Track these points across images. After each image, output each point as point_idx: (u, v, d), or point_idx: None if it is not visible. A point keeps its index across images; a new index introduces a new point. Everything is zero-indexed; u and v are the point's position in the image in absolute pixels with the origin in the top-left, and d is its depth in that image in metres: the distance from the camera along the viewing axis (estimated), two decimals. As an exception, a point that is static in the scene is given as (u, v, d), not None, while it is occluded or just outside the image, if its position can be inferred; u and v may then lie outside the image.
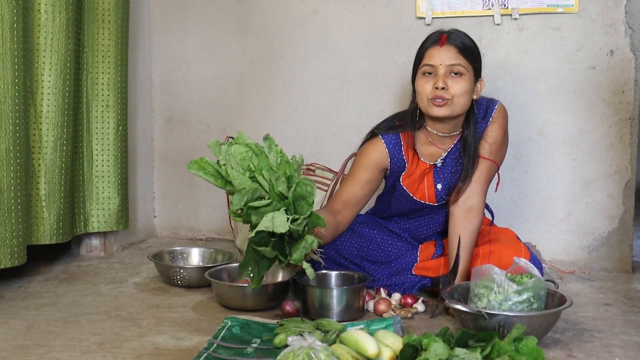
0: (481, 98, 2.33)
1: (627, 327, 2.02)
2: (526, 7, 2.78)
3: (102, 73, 2.82)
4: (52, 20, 2.52)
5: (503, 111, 2.34)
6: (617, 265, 2.76)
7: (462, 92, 2.18)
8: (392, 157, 2.34)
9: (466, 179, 2.27)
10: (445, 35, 2.20)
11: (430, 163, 2.34)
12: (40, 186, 2.55)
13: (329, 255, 2.34)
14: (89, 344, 1.87)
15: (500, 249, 2.21)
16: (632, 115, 2.72)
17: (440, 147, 2.33)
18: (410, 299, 2.18)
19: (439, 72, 2.18)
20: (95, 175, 2.86)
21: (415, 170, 2.35)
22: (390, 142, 2.33)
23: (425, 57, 2.22)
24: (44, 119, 2.55)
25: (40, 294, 2.37)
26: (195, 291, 2.42)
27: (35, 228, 2.54)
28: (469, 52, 2.21)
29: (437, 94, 2.17)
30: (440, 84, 2.16)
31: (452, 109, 2.20)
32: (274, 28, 3.13)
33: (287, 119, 3.15)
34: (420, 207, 2.40)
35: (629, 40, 2.70)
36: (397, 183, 2.38)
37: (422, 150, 2.34)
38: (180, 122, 3.33)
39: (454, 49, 2.18)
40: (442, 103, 2.18)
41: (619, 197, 2.76)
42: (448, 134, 2.31)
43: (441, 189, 2.34)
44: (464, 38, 2.23)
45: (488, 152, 2.29)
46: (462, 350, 1.56)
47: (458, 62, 2.18)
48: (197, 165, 1.89)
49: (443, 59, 2.18)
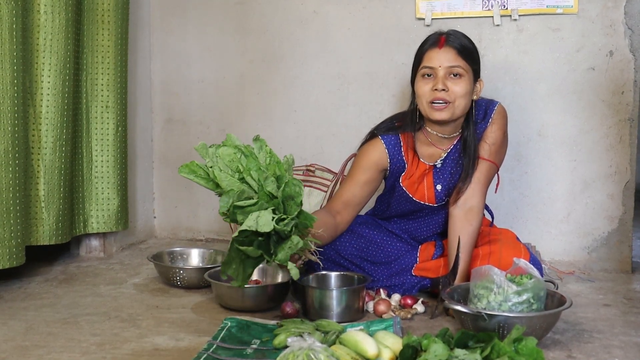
0: (480, 99, 2.32)
1: (626, 328, 2.02)
2: (526, 8, 2.79)
3: (102, 74, 2.82)
4: (51, 20, 2.52)
5: (502, 112, 2.33)
6: (617, 266, 2.76)
7: (463, 94, 2.19)
8: (392, 157, 2.34)
9: (466, 180, 2.26)
10: (444, 37, 2.20)
11: (429, 164, 2.34)
12: (39, 187, 2.55)
13: (328, 256, 2.34)
14: (88, 345, 1.87)
15: (500, 249, 2.21)
16: (631, 116, 2.72)
17: (440, 147, 2.33)
18: (410, 300, 2.18)
19: (439, 74, 2.17)
20: (95, 176, 2.86)
21: (415, 171, 2.35)
22: (390, 143, 2.34)
23: (425, 59, 2.21)
24: (43, 119, 2.55)
25: (39, 295, 2.36)
26: (194, 292, 2.42)
27: (35, 229, 2.54)
28: (468, 53, 2.21)
29: (437, 95, 2.17)
30: (440, 86, 2.16)
31: (453, 112, 2.20)
32: (273, 28, 3.13)
33: (286, 119, 3.15)
34: (420, 208, 2.39)
35: (628, 41, 2.70)
36: (397, 184, 2.38)
37: (422, 151, 2.34)
38: (180, 122, 3.33)
39: (453, 51, 2.18)
40: (443, 107, 2.18)
41: (619, 197, 2.76)
42: (448, 135, 2.31)
43: (441, 189, 2.34)
44: (463, 39, 2.23)
45: (487, 153, 2.29)
46: (462, 351, 1.56)
47: (457, 63, 2.18)
48: (188, 169, 1.88)
49: (442, 61, 2.18)
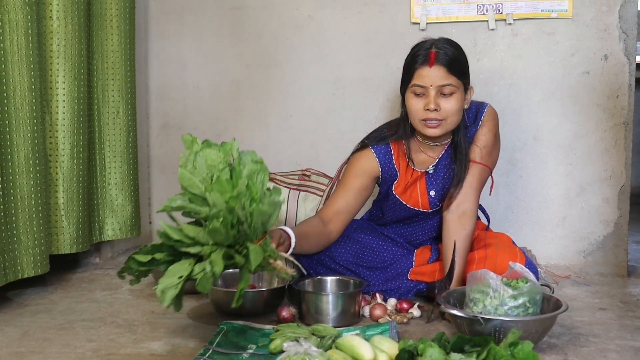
0: (471, 102, 2.32)
1: (622, 332, 2.02)
2: (520, 12, 2.79)
3: (112, 79, 2.82)
4: (64, 26, 2.51)
5: (493, 114, 2.33)
6: (613, 270, 2.76)
7: (455, 111, 2.19)
8: (383, 166, 2.35)
9: (458, 184, 2.26)
10: (434, 53, 2.16)
11: (421, 170, 2.34)
12: (58, 195, 2.53)
13: (323, 263, 2.35)
14: (84, 351, 1.86)
15: (496, 253, 2.21)
16: (626, 119, 2.73)
17: (431, 155, 2.34)
18: (406, 304, 2.18)
19: (430, 94, 2.16)
20: (108, 183, 2.85)
21: (408, 179, 2.35)
22: (381, 152, 2.34)
23: (415, 77, 2.18)
24: (59, 126, 2.53)
25: (35, 301, 2.36)
26: (190, 297, 2.41)
27: (55, 237, 2.53)
28: (459, 69, 2.19)
29: (429, 115, 2.17)
30: (432, 106, 2.16)
31: (445, 128, 2.21)
32: (269, 34, 3.14)
33: (282, 124, 3.15)
34: (414, 214, 2.40)
35: (622, 45, 2.71)
36: (390, 192, 2.38)
37: (414, 158, 2.34)
38: (175, 127, 3.32)
39: (443, 69, 2.15)
40: (436, 124, 2.19)
41: (614, 201, 2.76)
42: (439, 143, 2.32)
43: (434, 195, 2.34)
44: (452, 51, 2.19)
45: (479, 156, 2.29)
46: (458, 355, 1.56)
47: (448, 82, 2.16)
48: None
49: (433, 80, 2.16)
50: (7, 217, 2.24)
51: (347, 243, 2.38)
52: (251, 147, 3.26)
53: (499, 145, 2.39)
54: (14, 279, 2.27)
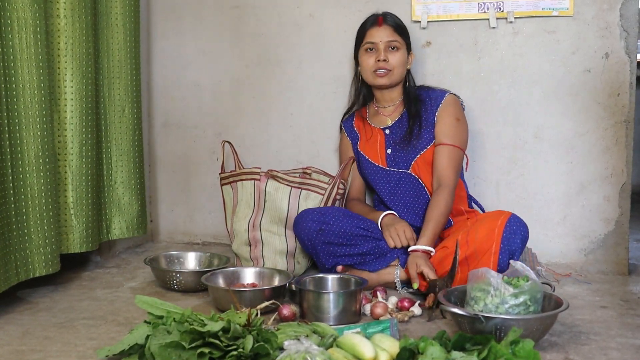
0: (435, 89, 2.66)
1: (623, 330, 2.02)
2: (521, 10, 2.79)
3: (118, 78, 2.82)
4: (71, 24, 2.50)
5: (451, 100, 2.62)
6: (614, 268, 2.76)
7: (400, 63, 2.61)
8: (349, 133, 2.80)
9: (411, 138, 2.59)
10: (382, 17, 2.62)
11: (379, 127, 2.70)
12: (67, 194, 2.53)
13: (329, 240, 2.42)
14: (85, 349, 1.86)
15: (476, 226, 2.31)
16: (627, 118, 2.72)
17: (386, 114, 2.71)
18: (407, 303, 2.18)
19: (380, 48, 2.60)
20: (115, 182, 2.85)
21: (369, 137, 2.72)
22: (346, 124, 2.83)
23: (367, 36, 2.63)
24: (68, 125, 2.52)
25: (35, 299, 2.36)
26: (191, 295, 2.41)
27: (65, 237, 2.52)
28: (402, 30, 2.64)
29: (379, 65, 2.59)
30: (382, 57, 2.58)
31: (392, 78, 2.61)
32: (269, 32, 3.14)
33: (282, 123, 3.15)
34: (383, 173, 2.66)
35: (624, 43, 2.71)
36: (358, 152, 2.75)
37: (372, 118, 2.75)
38: (176, 126, 3.32)
39: (390, 28, 2.61)
40: (385, 73, 2.60)
41: (615, 199, 2.76)
42: (391, 103, 2.70)
43: (391, 153, 2.65)
44: (396, 19, 2.65)
45: (446, 138, 2.57)
46: (459, 353, 1.56)
47: (394, 38, 2.60)
48: (146, 303, 1.87)
49: (382, 37, 2.60)
50: (18, 216, 2.24)
51: (344, 216, 2.47)
52: (252, 145, 3.27)
53: (466, 127, 2.64)
54: (26, 278, 2.27)
